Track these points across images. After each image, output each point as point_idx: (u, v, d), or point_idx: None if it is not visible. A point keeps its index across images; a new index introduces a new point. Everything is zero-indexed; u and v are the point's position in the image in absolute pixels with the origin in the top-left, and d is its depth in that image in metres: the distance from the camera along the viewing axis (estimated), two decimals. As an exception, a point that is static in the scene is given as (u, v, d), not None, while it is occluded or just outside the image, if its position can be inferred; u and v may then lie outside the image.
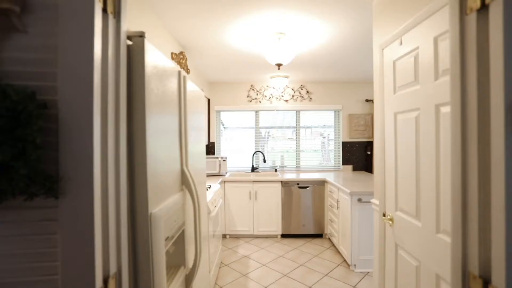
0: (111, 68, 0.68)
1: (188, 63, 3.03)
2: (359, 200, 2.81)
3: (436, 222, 1.19)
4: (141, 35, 0.78)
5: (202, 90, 1.73)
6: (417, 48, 1.34)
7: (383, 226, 1.71)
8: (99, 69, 0.63)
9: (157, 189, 0.85)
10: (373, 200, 1.87)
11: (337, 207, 3.23)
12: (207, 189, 2.77)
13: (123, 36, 0.72)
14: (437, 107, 1.19)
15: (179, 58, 2.63)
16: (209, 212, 2.28)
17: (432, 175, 1.22)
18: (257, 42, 2.56)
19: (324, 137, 4.60)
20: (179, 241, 1.09)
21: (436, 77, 1.19)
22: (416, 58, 1.35)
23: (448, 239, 1.12)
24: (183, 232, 1.11)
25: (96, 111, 0.61)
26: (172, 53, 2.44)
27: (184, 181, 1.14)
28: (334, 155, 4.56)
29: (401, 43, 1.49)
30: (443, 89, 1.14)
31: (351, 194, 2.80)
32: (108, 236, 0.65)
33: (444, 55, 1.13)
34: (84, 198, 0.60)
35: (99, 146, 0.62)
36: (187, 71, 2.96)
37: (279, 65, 2.43)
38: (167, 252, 0.96)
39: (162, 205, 0.89)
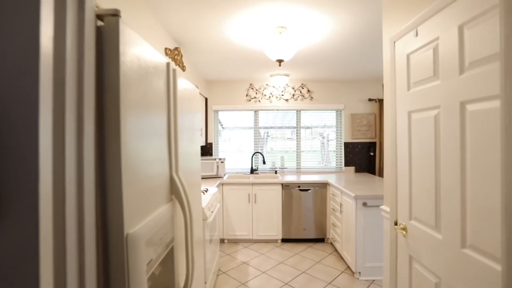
0: (71, 56, 0.53)
1: (184, 59, 2.88)
2: (364, 204, 2.66)
3: (462, 235, 1.05)
4: (115, 14, 0.62)
5: (197, 87, 1.58)
6: (437, 39, 1.19)
7: (394, 235, 1.57)
8: (50, 57, 0.48)
9: (137, 203, 0.70)
10: (383, 207, 1.72)
11: (340, 211, 3.08)
12: (203, 193, 2.62)
13: (89, 13, 0.57)
14: (463, 104, 1.04)
15: (174, 54, 2.48)
16: (205, 219, 2.13)
17: (456, 182, 1.07)
18: (257, 37, 2.42)
19: (323, 137, 4.46)
20: (168, 260, 0.94)
21: (462, 71, 1.05)
22: (435, 50, 1.21)
23: (477, 256, 0.97)
24: (172, 249, 0.96)
25: (44, 110, 0.46)
26: (166, 49, 2.29)
27: (174, 190, 0.99)
28: (336, 156, 4.42)
29: (416, 34, 1.34)
30: (471, 84, 1.00)
31: (356, 198, 2.66)
32: (65, 270, 0.50)
33: (473, 45, 0.99)
34: (25, 220, 0.45)
35: (49, 152, 0.47)
36: (183, 68, 2.81)
37: (280, 61, 2.28)
38: (152, 275, 0.81)
39: (145, 221, 0.74)
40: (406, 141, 1.45)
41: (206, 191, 2.74)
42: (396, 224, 1.55)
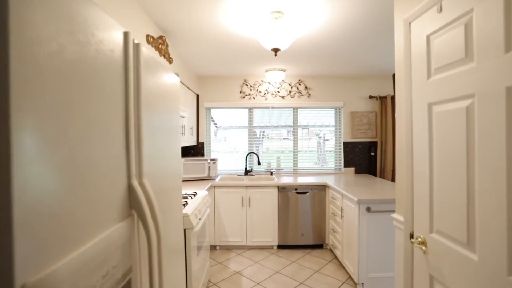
0: None
1: (171, 50, 2.63)
2: (368, 209, 2.43)
3: (509, 258, 0.82)
4: None
5: (177, 75, 1.33)
6: (470, 11, 0.96)
7: (410, 249, 1.34)
8: None
9: (49, 230, 0.45)
10: (395, 216, 1.49)
11: (341, 216, 2.85)
12: (191, 197, 2.37)
13: None
14: (510, 90, 0.81)
15: (158, 43, 2.22)
16: (190, 227, 1.88)
17: (499, 188, 0.84)
18: (251, 23, 2.17)
19: (320, 137, 4.23)
20: (123, 298, 0.69)
21: (509, 48, 0.82)
22: (467, 26, 0.97)
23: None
24: (130, 283, 0.71)
25: None
26: (148, 36, 2.03)
27: (134, 202, 0.74)
28: (334, 156, 4.19)
29: (440, 10, 1.11)
30: (523, 63, 0.77)
31: (359, 202, 2.43)
32: None
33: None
34: None
35: None
36: (169, 60, 2.56)
37: (275, 50, 2.04)
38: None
39: (71, 256, 0.49)
40: (425, 138, 1.22)
41: (194, 195, 2.49)
42: (412, 236, 1.32)
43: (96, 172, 0.60)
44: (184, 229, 1.89)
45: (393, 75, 1.68)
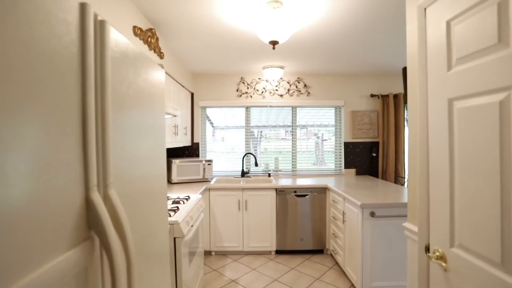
0: None
1: (162, 44, 2.47)
2: (372, 214, 2.28)
3: (560, 287, 0.67)
4: None
5: (162, 67, 1.17)
6: (504, -12, 0.81)
7: (425, 264, 1.18)
8: None
9: None
10: (407, 225, 1.34)
11: (343, 221, 2.70)
12: (183, 202, 2.21)
13: None
14: (562, 80, 0.66)
15: (147, 36, 2.06)
16: (181, 236, 1.72)
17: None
18: (248, 15, 2.01)
19: (318, 137, 4.08)
20: None
21: (560, 27, 0.67)
22: (501, 6, 0.82)
23: None
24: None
25: None
26: (135, 27, 1.87)
27: (93, 222, 0.58)
28: (335, 157, 4.04)
29: (464, -10, 0.96)
30: None
31: (363, 207, 2.28)
32: None
33: None
34: None
35: None
36: (160, 55, 2.39)
37: (274, 43, 1.89)
38: None
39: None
40: (444, 139, 1.07)
41: (187, 199, 2.33)
42: (427, 250, 1.17)
43: (37, 186, 0.44)
44: (174, 238, 1.72)
45: (403, 69, 1.53)
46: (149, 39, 2.08)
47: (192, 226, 1.98)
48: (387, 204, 2.27)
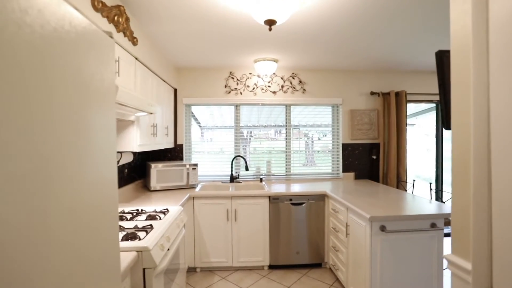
0: None
1: (136, 28, 2.07)
2: (383, 228, 1.96)
3: None
4: None
5: (111, 37, 0.79)
6: None
7: (485, 317, 0.85)
8: None
9: None
10: (453, 259, 1.01)
11: (346, 233, 2.37)
12: (159, 217, 1.82)
13: None
14: None
15: (113, 13, 1.66)
16: (152, 267, 1.34)
17: None
18: (236, -10, 1.65)
19: (308, 138, 3.77)
20: None
21: None
22: None
23: None
24: None
25: None
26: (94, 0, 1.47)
27: None
28: (332, 160, 3.73)
29: None
30: None
31: (372, 220, 1.95)
32: None
33: None
34: None
35: None
36: (133, 41, 2.00)
37: (270, 23, 1.53)
38: None
39: None
40: (524, 144, 0.74)
41: (164, 212, 1.94)
42: (490, 298, 0.84)
43: None
44: (144, 269, 1.34)
45: (437, 53, 1.20)
46: (115, 18, 1.69)
47: (169, 249, 1.60)
48: (401, 217, 1.96)
